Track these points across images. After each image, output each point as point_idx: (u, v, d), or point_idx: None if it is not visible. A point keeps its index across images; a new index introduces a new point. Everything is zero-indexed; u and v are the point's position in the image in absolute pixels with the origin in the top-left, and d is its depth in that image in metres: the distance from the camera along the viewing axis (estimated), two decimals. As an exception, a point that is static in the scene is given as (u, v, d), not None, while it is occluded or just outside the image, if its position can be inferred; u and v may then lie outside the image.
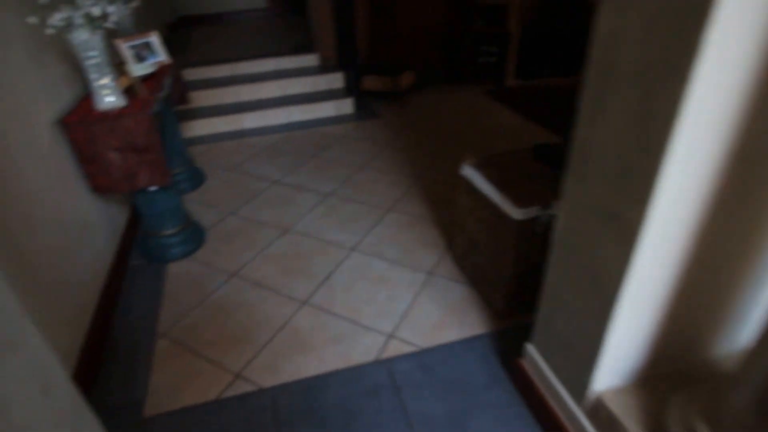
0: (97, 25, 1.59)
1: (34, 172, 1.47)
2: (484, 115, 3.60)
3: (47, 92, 1.67)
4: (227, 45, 4.47)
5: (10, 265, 1.24)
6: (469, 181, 1.67)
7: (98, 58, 1.62)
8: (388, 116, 3.65)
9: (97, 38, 1.59)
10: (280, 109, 3.54)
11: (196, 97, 3.54)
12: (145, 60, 2.27)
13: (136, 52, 2.25)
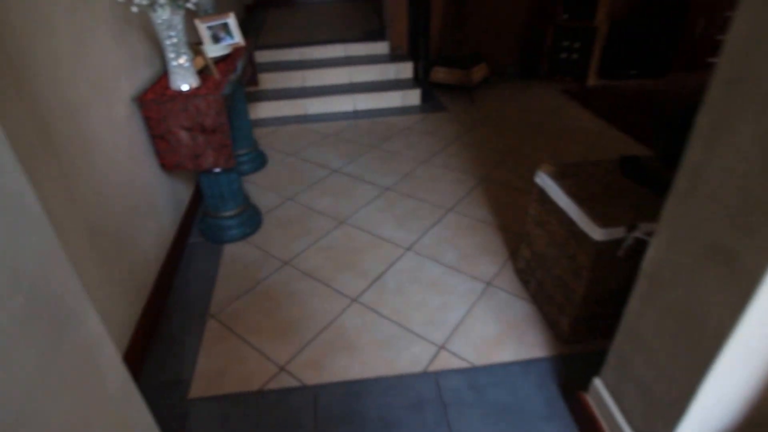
0: (179, 5, 1.60)
1: (111, 145, 1.52)
2: (560, 116, 3.37)
3: (129, 68, 1.72)
4: (299, 29, 4.50)
5: (79, 236, 1.28)
6: (543, 190, 1.54)
7: (176, 38, 1.64)
8: (456, 110, 3.52)
9: (177, 18, 1.61)
10: (346, 96, 3.51)
11: (265, 79, 3.59)
12: (221, 41, 2.30)
13: (213, 33, 2.27)
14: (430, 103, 3.64)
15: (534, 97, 3.74)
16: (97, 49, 1.51)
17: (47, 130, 1.19)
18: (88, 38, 1.45)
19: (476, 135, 3.09)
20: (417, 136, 3.10)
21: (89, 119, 1.41)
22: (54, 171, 1.20)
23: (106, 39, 1.57)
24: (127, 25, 1.73)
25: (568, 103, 3.60)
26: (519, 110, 3.48)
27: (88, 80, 1.43)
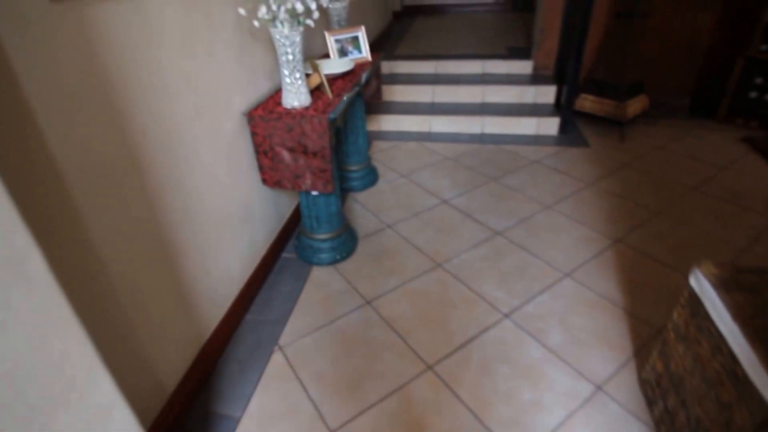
0: (299, 21, 1.53)
1: (211, 161, 1.51)
2: (736, 172, 2.69)
3: (246, 83, 1.71)
4: (440, 39, 4.33)
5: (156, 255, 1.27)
6: (698, 297, 1.14)
7: (292, 55, 1.57)
8: (599, 147, 3.03)
9: (295, 34, 1.54)
10: (474, 117, 3.25)
11: (395, 91, 3.50)
12: (348, 54, 2.23)
13: (341, 46, 2.21)
14: (569, 135, 3.20)
15: (704, 142, 3.06)
16: (216, 60, 1.50)
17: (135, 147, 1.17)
18: (201, 54, 1.44)
19: (620, 182, 2.60)
20: (546, 173, 2.72)
21: (202, 127, 1.40)
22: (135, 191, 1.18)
23: (223, 54, 1.56)
24: (250, 37, 1.72)
25: (750, 155, 2.87)
26: (681, 157, 2.87)
27: (198, 97, 1.42)
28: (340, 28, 2.26)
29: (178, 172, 1.34)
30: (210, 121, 1.49)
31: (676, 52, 3.40)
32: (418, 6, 5.77)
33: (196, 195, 1.43)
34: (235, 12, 1.57)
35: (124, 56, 1.10)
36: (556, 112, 3.24)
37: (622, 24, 3.01)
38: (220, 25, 1.52)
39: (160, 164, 1.25)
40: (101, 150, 1.05)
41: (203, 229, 1.49)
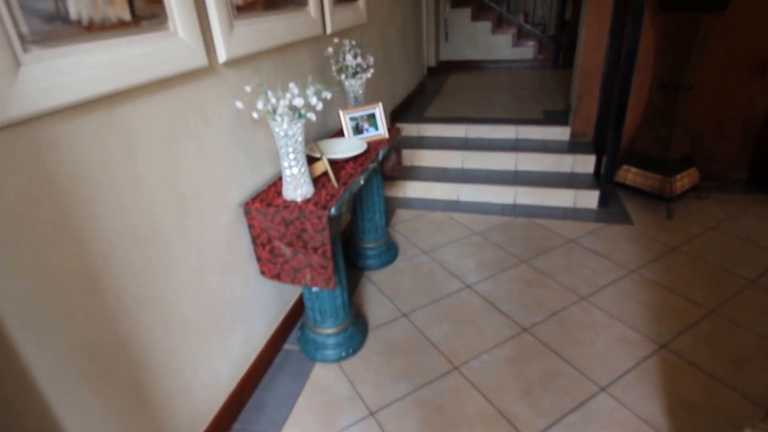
0: (300, 115, 1.43)
1: (205, 255, 1.40)
2: None
3: (244, 172, 1.62)
4: (474, 99, 4.23)
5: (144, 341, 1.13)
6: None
7: (293, 147, 1.47)
8: (644, 225, 2.75)
9: (296, 127, 1.44)
10: (506, 187, 3.06)
11: (421, 156, 3.38)
12: (363, 132, 2.13)
13: (356, 124, 2.12)
14: (610, 210, 2.94)
15: (765, 224, 2.72)
16: (204, 162, 1.41)
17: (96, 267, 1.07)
18: (190, 152, 1.36)
19: (666, 270, 2.31)
20: (583, 254, 2.47)
21: (173, 244, 1.30)
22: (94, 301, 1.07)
23: (219, 147, 1.47)
24: (251, 124, 1.64)
25: (828, 239, 2.51)
26: (738, 241, 2.54)
27: (181, 201, 1.32)
28: (356, 105, 2.18)
29: (153, 284, 1.22)
30: (198, 222, 1.38)
31: (730, 122, 3.12)
32: (453, 62, 5.76)
33: (175, 304, 1.31)
34: (231, 105, 1.50)
35: (86, 173, 1.01)
36: (595, 183, 3.00)
37: (666, 95, 2.79)
38: (216, 118, 1.44)
39: (128, 280, 1.14)
40: (51, 274, 0.94)
41: (184, 339, 1.36)
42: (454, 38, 5.66)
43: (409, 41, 4.07)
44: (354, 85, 2.14)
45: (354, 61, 2.06)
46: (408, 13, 3.95)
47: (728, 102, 3.06)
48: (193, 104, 1.33)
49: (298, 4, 1.93)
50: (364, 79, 2.15)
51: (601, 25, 3.04)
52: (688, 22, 2.57)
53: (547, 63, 5.57)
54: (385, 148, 2.13)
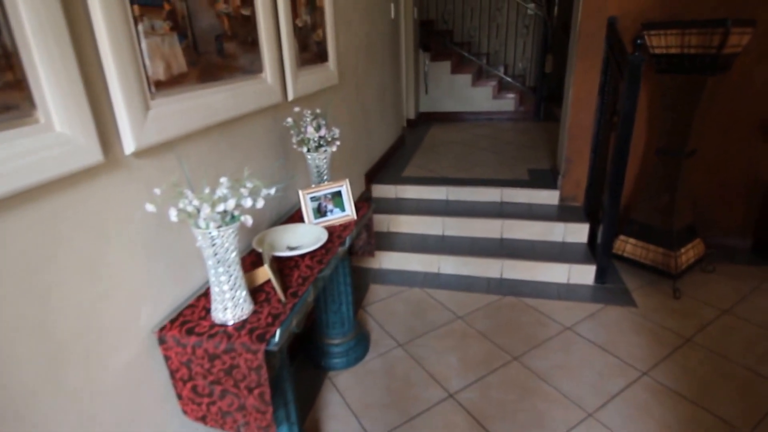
0: (233, 218, 1.10)
1: (108, 398, 1.02)
2: None
3: (164, 282, 1.26)
4: (456, 155, 3.98)
5: None
6: None
7: (221, 257, 1.13)
8: (649, 307, 2.44)
9: (227, 234, 1.10)
10: (492, 260, 2.74)
11: (398, 222, 3.06)
12: (326, 214, 1.80)
13: (319, 205, 1.79)
14: (609, 287, 2.64)
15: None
16: (99, 284, 1.06)
17: None
18: (73, 278, 1.01)
19: (686, 371, 1.97)
20: (584, 348, 2.13)
21: (51, 396, 0.92)
22: None
23: (123, 260, 1.12)
24: (173, 226, 1.30)
25: None
26: (760, 329, 2.24)
27: (54, 345, 0.96)
28: (320, 182, 1.86)
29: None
30: (80, 372, 1.01)
31: (732, 187, 2.90)
32: (434, 113, 5.58)
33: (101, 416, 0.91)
34: (140, 206, 1.16)
35: None
36: (590, 256, 2.71)
37: (666, 162, 2.55)
38: (120, 226, 1.08)
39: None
40: None
41: None
42: (434, 91, 5.51)
43: (388, 96, 3.84)
44: (317, 159, 1.83)
45: (316, 133, 1.76)
46: (386, 68, 3.75)
47: (730, 166, 2.86)
48: (82, 214, 0.99)
49: (250, 71, 1.63)
50: (329, 153, 1.84)
51: (590, 85, 2.84)
52: (689, 85, 2.37)
53: (528, 115, 5.43)
54: (353, 231, 1.81)
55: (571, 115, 2.93)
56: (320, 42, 2.23)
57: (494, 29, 6.18)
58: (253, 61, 1.65)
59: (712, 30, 2.17)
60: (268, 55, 1.72)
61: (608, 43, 2.69)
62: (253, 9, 1.63)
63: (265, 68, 1.72)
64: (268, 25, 1.70)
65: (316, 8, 2.15)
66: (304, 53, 2.05)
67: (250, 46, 1.63)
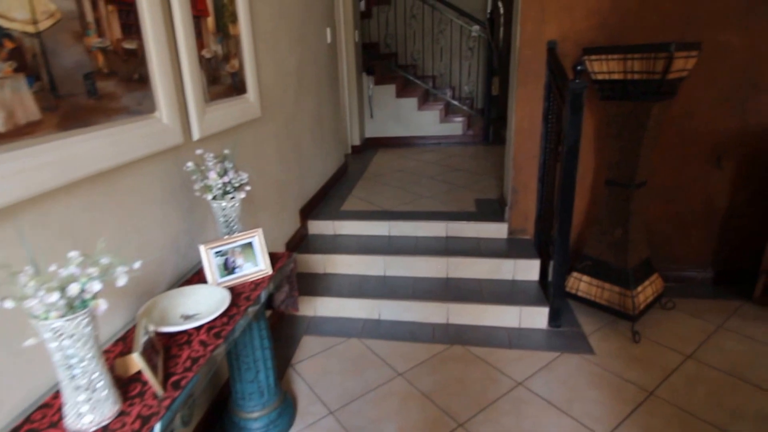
0: (83, 303, 0.94)
1: None
2: None
3: (10, 376, 1.07)
4: (400, 185, 3.92)
5: None
6: None
7: (73, 350, 0.96)
8: (608, 354, 2.38)
9: (77, 323, 0.94)
10: (437, 304, 2.65)
11: (334, 262, 2.93)
12: (234, 270, 1.65)
13: (225, 261, 1.64)
14: (564, 332, 2.59)
15: (748, 345, 2.43)
16: None
17: None
18: None
19: (648, 428, 1.91)
20: (538, 409, 2.03)
21: None
22: None
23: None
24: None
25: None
26: (727, 376, 2.20)
27: None
28: (230, 234, 1.71)
29: None
30: None
31: (687, 217, 2.93)
32: (380, 138, 5.55)
33: None
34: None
35: None
36: (542, 296, 2.67)
37: (617, 194, 2.55)
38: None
39: None
40: None
41: None
42: (379, 115, 5.49)
43: (326, 124, 3.75)
44: (225, 208, 1.69)
45: (219, 179, 1.62)
46: (324, 95, 3.66)
47: (684, 194, 2.89)
48: None
49: (138, 112, 1.48)
50: (238, 200, 1.70)
51: (533, 112, 2.85)
52: (634, 112, 2.37)
53: (477, 138, 5.49)
54: (269, 287, 1.66)
55: (515, 143, 2.93)
56: (236, 73, 2.11)
57: (438, 52, 6.29)
58: (141, 100, 1.50)
59: (656, 54, 2.14)
60: (163, 92, 1.58)
61: (549, 69, 2.71)
62: (141, 42, 1.50)
63: (159, 107, 1.58)
64: (162, 58, 1.57)
65: (229, 36, 2.04)
66: (214, 86, 1.92)
67: (138, 83, 1.48)
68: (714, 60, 2.62)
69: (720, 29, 2.58)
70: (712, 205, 2.89)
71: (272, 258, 1.80)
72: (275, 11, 2.57)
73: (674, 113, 2.73)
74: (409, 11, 6.22)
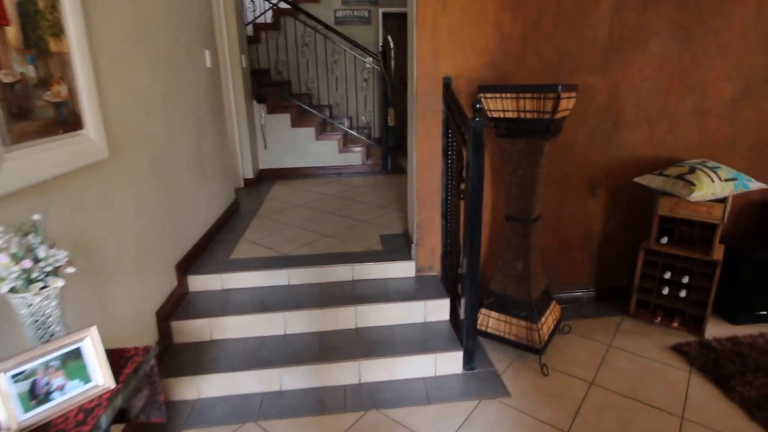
0: None
1: None
2: (675, 404, 1.94)
3: None
4: (299, 222, 3.37)
5: None
6: None
7: None
8: (522, 393, 2.09)
9: None
10: (347, 363, 2.14)
11: (223, 325, 2.29)
12: (50, 397, 1.01)
13: (33, 384, 0.99)
14: (479, 374, 2.24)
15: (636, 364, 2.32)
16: None
17: None
18: None
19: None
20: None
21: None
22: None
23: None
24: None
25: (696, 379, 2.17)
26: (628, 400, 2.03)
27: None
28: (45, 341, 1.07)
29: None
30: None
31: (572, 242, 2.83)
32: (276, 170, 4.95)
33: None
34: None
35: None
36: (455, 338, 2.30)
37: (517, 229, 2.31)
38: None
39: None
40: None
41: None
42: (274, 146, 4.89)
43: (209, 159, 3.09)
44: (33, 304, 1.04)
45: (15, 265, 0.98)
46: (205, 126, 3.01)
47: (569, 222, 2.79)
48: None
49: None
50: (56, 290, 1.07)
51: (433, 147, 2.52)
52: (528, 150, 2.16)
53: (376, 168, 5.15)
54: (109, 407, 1.05)
55: (417, 179, 2.57)
56: (63, 103, 1.45)
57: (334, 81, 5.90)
58: None
59: (545, 95, 2.00)
60: None
61: (446, 104, 2.41)
62: None
63: None
64: None
65: (49, 55, 1.38)
66: (22, 122, 1.26)
67: None
68: (584, 100, 2.58)
69: (588, 73, 2.55)
70: (591, 231, 2.83)
71: (118, 358, 1.18)
72: (129, 27, 1.93)
73: (558, 149, 2.62)
74: (300, 39, 5.74)
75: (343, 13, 5.96)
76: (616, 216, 2.82)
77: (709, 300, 2.45)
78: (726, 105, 2.69)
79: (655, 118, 2.66)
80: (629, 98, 2.61)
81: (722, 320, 2.68)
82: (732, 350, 2.35)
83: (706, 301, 2.48)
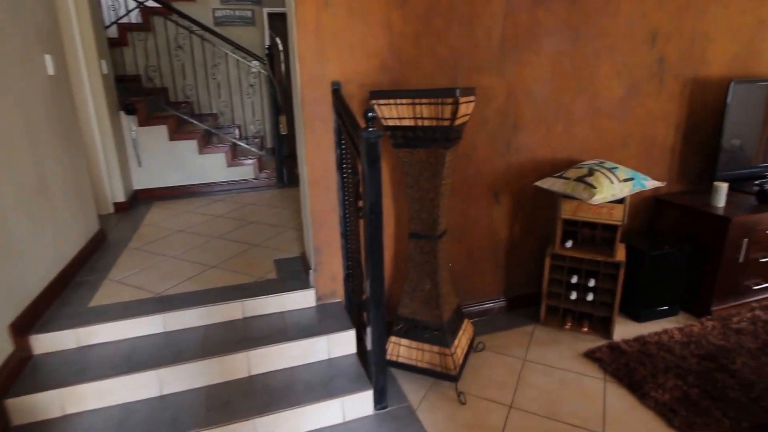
0: None
1: None
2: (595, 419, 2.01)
3: None
4: (179, 254, 3.05)
5: None
6: None
7: None
8: (439, 427, 2.03)
9: None
10: (240, 425, 1.92)
11: (81, 395, 1.94)
12: None
13: None
14: (392, 413, 2.14)
15: (551, 377, 2.38)
16: None
17: None
18: None
19: None
20: None
21: None
22: None
23: None
24: None
25: (612, 386, 2.27)
26: (546, 420, 2.07)
27: None
28: None
29: None
30: None
31: (479, 252, 2.85)
32: (154, 189, 4.50)
33: None
34: None
35: None
36: (363, 374, 2.18)
37: (422, 246, 2.25)
38: None
39: None
40: None
41: None
42: (150, 162, 4.43)
43: (58, 186, 2.65)
44: None
45: None
46: (48, 147, 2.57)
47: (474, 231, 2.81)
48: None
49: None
50: None
51: (325, 161, 2.38)
52: (428, 160, 2.11)
53: (271, 181, 4.89)
54: None
55: (311, 197, 2.41)
56: None
57: (216, 87, 5.54)
58: None
59: (443, 101, 1.95)
60: None
61: (337, 113, 2.28)
62: None
63: None
64: None
65: None
66: None
67: None
68: (483, 103, 2.60)
69: (485, 74, 2.57)
70: (497, 238, 2.88)
71: None
72: None
73: (459, 156, 2.62)
74: (173, 41, 5.30)
75: (223, 12, 5.64)
76: (521, 221, 2.90)
77: (615, 301, 2.60)
78: (617, 104, 2.88)
79: (552, 119, 2.77)
80: (526, 99, 2.69)
81: (628, 319, 2.86)
82: (640, 351, 2.50)
83: (612, 303, 2.62)
